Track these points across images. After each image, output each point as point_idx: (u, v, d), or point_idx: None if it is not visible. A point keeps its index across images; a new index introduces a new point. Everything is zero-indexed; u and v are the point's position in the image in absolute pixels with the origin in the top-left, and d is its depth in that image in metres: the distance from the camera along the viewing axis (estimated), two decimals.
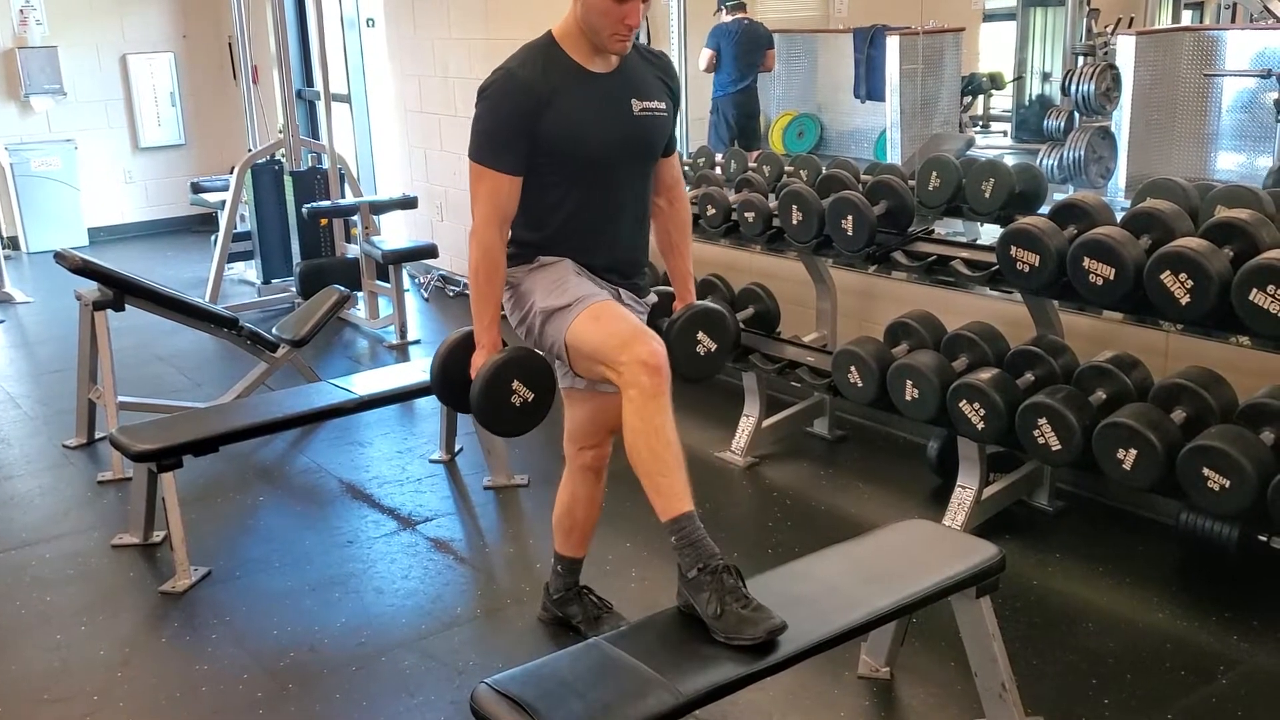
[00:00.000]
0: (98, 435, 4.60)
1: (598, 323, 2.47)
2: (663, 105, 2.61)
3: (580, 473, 2.90)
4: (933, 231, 3.98)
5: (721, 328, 2.77)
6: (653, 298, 2.82)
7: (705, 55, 6.20)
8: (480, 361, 2.55)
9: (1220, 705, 2.69)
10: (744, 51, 6.26)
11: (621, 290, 2.67)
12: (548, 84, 2.46)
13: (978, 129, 6.36)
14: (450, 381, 2.69)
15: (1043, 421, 3.19)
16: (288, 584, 3.43)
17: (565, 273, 2.57)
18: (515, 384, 2.52)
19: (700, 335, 2.72)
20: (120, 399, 4.39)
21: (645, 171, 2.66)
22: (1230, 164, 4.38)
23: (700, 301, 2.82)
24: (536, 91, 2.44)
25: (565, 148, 2.49)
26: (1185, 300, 2.87)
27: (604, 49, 2.49)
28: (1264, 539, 3.32)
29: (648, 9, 2.48)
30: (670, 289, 2.89)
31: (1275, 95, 4.05)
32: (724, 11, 6.24)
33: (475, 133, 2.51)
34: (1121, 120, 4.62)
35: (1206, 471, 2.85)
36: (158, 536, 3.67)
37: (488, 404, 2.54)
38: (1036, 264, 3.21)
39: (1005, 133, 6.19)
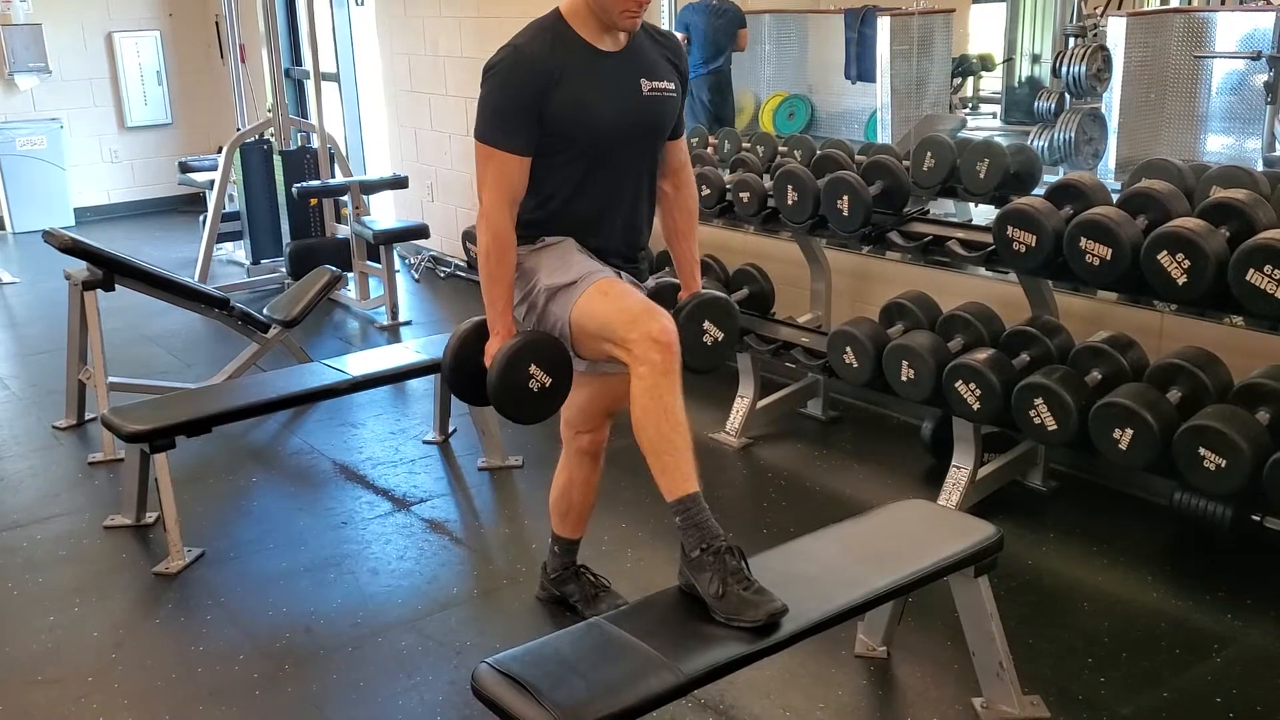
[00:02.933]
0: (88, 416, 4.57)
1: (605, 298, 2.41)
2: (672, 85, 2.55)
3: (577, 456, 2.89)
4: (928, 212, 3.98)
5: (727, 317, 2.71)
6: (652, 283, 2.76)
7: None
8: (495, 348, 2.48)
9: (1215, 683, 2.71)
10: (715, 32, 6.13)
11: (622, 273, 2.63)
12: (556, 62, 2.39)
13: (967, 110, 6.36)
14: (464, 372, 2.60)
15: (1039, 401, 3.19)
16: (282, 565, 3.42)
17: (569, 251, 2.53)
18: (532, 368, 2.45)
19: (706, 325, 2.67)
20: (110, 380, 4.36)
21: (653, 153, 2.61)
22: (1219, 145, 4.39)
23: (705, 290, 2.75)
24: (545, 69, 2.38)
25: (572, 128, 2.43)
26: (1182, 280, 2.88)
27: (613, 26, 2.44)
28: (1258, 518, 3.33)
29: None
30: (673, 280, 2.83)
31: (1264, 77, 4.05)
32: None
33: (482, 112, 2.44)
34: (1112, 102, 4.62)
35: (1202, 451, 2.86)
36: (150, 518, 3.66)
37: (505, 391, 2.46)
38: (1033, 244, 3.21)
39: (995, 114, 6.18)
